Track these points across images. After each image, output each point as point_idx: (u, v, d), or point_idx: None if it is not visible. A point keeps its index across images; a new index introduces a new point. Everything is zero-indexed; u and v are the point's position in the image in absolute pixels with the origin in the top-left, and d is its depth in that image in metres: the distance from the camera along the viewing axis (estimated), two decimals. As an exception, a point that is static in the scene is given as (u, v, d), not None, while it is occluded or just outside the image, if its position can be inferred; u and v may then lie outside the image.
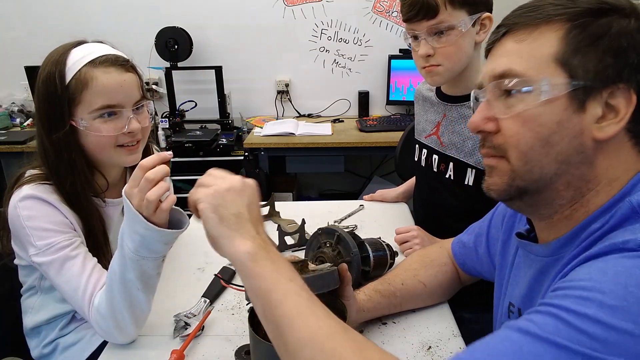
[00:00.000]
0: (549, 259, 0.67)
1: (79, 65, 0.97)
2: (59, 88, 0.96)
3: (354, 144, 2.64)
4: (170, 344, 0.95)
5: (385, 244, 1.13)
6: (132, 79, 1.02)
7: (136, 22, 2.91)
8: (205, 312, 1.02)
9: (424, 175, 1.41)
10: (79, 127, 0.99)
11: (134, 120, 1.02)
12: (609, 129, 0.58)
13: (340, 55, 3.08)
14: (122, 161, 1.06)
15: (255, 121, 3.04)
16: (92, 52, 1.00)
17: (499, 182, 0.65)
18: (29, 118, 3.01)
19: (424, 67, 1.19)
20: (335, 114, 3.15)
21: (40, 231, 0.96)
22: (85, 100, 0.97)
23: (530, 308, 0.69)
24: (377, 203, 1.64)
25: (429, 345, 0.94)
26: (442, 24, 1.12)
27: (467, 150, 1.24)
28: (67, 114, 0.97)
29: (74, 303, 0.96)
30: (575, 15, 0.59)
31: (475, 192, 1.22)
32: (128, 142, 1.04)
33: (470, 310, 1.14)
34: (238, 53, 3.03)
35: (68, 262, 0.96)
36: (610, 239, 0.55)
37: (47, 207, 0.98)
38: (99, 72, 0.98)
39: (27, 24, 2.98)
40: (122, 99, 1.00)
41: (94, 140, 1.00)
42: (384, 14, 2.98)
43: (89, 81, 0.97)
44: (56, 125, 0.98)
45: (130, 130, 1.01)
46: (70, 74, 0.97)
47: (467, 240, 1.02)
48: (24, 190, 0.98)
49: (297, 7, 2.98)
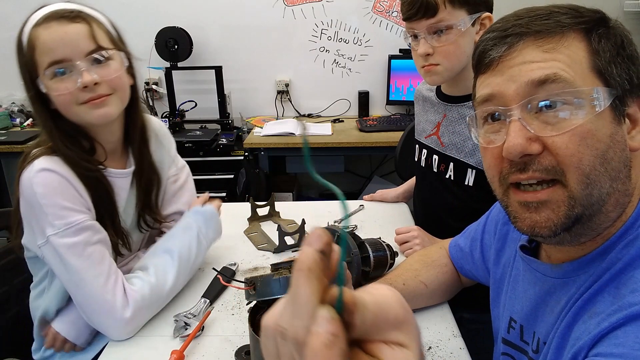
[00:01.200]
0: (558, 281, 0.64)
1: (28, 30, 0.95)
2: (19, 56, 0.97)
3: (354, 144, 2.64)
4: (171, 344, 0.95)
5: (385, 244, 1.13)
6: (77, 29, 0.94)
7: (136, 22, 2.90)
8: (205, 312, 1.02)
9: (424, 175, 1.40)
10: (42, 90, 0.95)
11: (86, 73, 0.93)
12: (639, 137, 0.57)
13: (340, 55, 3.07)
14: (89, 118, 0.96)
15: (255, 121, 3.04)
16: (41, 13, 0.96)
17: (554, 217, 0.56)
18: (29, 118, 3.01)
19: (423, 66, 1.19)
20: (335, 114, 3.14)
21: (58, 209, 0.92)
22: (37, 62, 0.94)
23: (534, 327, 0.68)
24: (377, 203, 1.64)
25: (429, 345, 0.93)
26: (441, 22, 1.12)
27: (468, 150, 1.24)
28: (29, 80, 0.96)
29: (89, 290, 0.93)
30: (592, 25, 0.57)
31: (476, 192, 1.22)
32: (89, 100, 0.95)
33: (470, 310, 1.13)
34: (238, 53, 3.03)
35: (90, 247, 0.94)
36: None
37: (61, 180, 0.94)
38: (41, 30, 0.93)
39: (27, 24, 2.98)
40: (67, 53, 0.93)
41: (56, 101, 0.96)
42: (384, 14, 2.98)
43: (34, 42, 0.93)
44: (28, 92, 0.98)
45: (84, 84, 0.93)
46: (25, 40, 0.96)
47: (463, 244, 1.02)
48: (36, 164, 0.95)
49: (297, 7, 2.98)
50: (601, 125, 0.54)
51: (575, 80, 0.54)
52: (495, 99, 0.59)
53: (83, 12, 0.97)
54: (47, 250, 0.94)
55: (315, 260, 0.28)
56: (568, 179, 0.55)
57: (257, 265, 1.24)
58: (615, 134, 0.55)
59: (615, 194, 0.56)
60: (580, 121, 0.54)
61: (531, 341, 0.70)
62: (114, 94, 0.98)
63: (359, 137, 2.71)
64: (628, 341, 0.49)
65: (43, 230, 0.93)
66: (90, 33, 0.95)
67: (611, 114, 0.55)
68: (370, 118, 3.02)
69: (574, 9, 0.58)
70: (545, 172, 0.56)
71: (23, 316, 1.24)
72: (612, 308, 0.53)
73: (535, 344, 0.68)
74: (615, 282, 0.55)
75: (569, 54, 0.55)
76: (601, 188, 0.55)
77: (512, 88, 0.57)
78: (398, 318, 0.28)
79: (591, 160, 0.54)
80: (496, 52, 0.59)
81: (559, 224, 0.56)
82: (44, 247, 0.94)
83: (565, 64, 0.55)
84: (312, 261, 0.28)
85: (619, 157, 0.55)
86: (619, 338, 0.50)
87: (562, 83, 0.54)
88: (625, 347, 0.49)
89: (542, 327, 0.67)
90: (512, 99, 0.57)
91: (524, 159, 0.57)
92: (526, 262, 0.71)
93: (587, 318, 0.56)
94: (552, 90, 0.55)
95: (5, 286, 1.23)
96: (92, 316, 0.96)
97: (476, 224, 1.00)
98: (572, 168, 0.54)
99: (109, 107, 0.97)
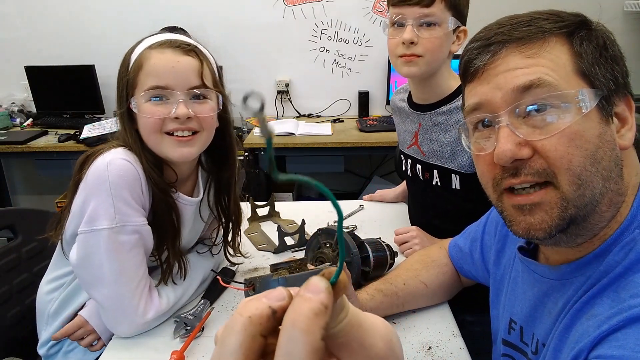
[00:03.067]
0: (556, 282, 0.64)
1: (140, 50, 0.96)
2: (123, 72, 0.97)
3: (354, 144, 2.64)
4: (171, 344, 0.95)
5: (385, 244, 1.13)
6: (189, 63, 0.95)
7: (136, 22, 2.91)
8: (205, 312, 1.02)
9: (413, 183, 1.41)
10: (132, 109, 0.95)
11: (182, 105, 0.93)
12: (628, 136, 0.57)
13: (340, 55, 3.07)
14: (171, 152, 0.96)
15: (255, 121, 3.04)
16: (159, 38, 0.97)
17: (548, 218, 0.57)
18: (29, 118, 3.01)
19: (402, 55, 1.17)
20: (335, 114, 3.14)
21: (123, 204, 0.92)
22: (140, 82, 0.94)
23: (532, 329, 0.68)
24: (376, 203, 1.64)
25: (429, 345, 0.94)
26: (433, 16, 1.12)
27: (447, 156, 1.24)
28: (125, 97, 0.96)
29: (120, 290, 0.94)
30: (574, 28, 0.58)
31: (465, 194, 1.23)
32: (176, 130, 0.95)
33: (471, 313, 1.13)
34: (238, 53, 3.03)
35: (135, 249, 0.95)
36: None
37: (136, 176, 0.94)
38: (154, 53, 0.94)
39: (27, 24, 2.98)
40: (172, 81, 0.93)
41: (143, 123, 0.96)
42: (384, 14, 2.98)
43: (143, 62, 0.94)
44: (119, 109, 0.98)
45: (177, 116, 0.93)
46: (133, 59, 0.96)
47: (463, 244, 1.02)
48: (118, 152, 0.95)
49: (297, 7, 2.97)
50: (589, 126, 0.55)
51: (560, 84, 0.55)
52: (483, 107, 0.60)
53: (197, 48, 0.99)
54: (93, 239, 0.92)
55: (262, 314, 0.27)
56: (560, 181, 0.55)
57: (257, 266, 1.24)
58: (603, 133, 0.56)
59: (608, 194, 0.57)
60: (568, 123, 0.54)
61: (530, 342, 0.70)
62: (200, 132, 0.98)
63: (359, 137, 2.71)
64: (628, 343, 0.49)
65: (96, 219, 0.92)
66: (199, 69, 0.96)
67: (598, 114, 0.56)
68: (370, 118, 3.02)
69: (555, 14, 0.59)
70: (537, 176, 0.56)
71: (24, 315, 1.25)
72: (611, 311, 0.53)
73: (535, 345, 0.68)
74: (615, 286, 0.55)
75: (552, 58, 0.56)
76: (593, 188, 0.55)
77: (498, 95, 0.58)
78: (375, 351, 0.28)
79: (581, 160, 0.55)
80: (480, 61, 0.60)
81: (553, 225, 0.56)
82: (89, 235, 0.92)
83: (548, 68, 0.56)
84: (257, 313, 0.26)
85: (609, 156, 0.56)
86: (619, 340, 0.50)
87: (547, 87, 0.55)
88: (625, 349, 0.49)
89: (540, 328, 0.67)
90: (499, 105, 0.58)
91: (515, 164, 0.57)
92: (524, 263, 0.71)
93: (585, 320, 0.56)
94: (537, 94, 0.55)
95: (6, 286, 1.24)
96: (111, 313, 0.97)
97: (476, 224, 1.00)
98: (563, 170, 0.55)
99: (193, 147, 0.98)
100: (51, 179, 3.21)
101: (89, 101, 2.96)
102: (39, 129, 2.88)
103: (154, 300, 0.99)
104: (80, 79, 2.91)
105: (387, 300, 0.97)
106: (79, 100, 2.98)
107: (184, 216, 1.06)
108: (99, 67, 2.88)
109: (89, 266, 0.94)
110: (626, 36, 2.86)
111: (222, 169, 1.10)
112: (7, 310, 1.23)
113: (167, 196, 1.00)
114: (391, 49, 1.21)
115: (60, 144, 2.63)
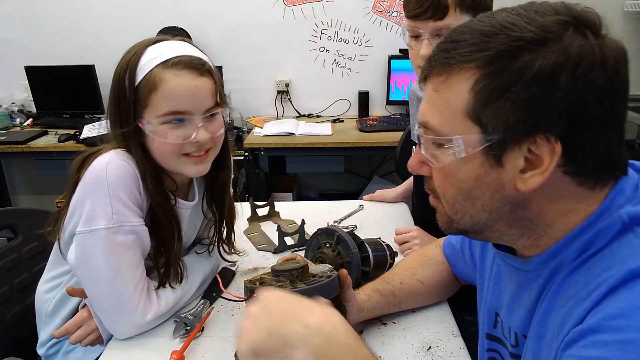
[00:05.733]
0: (530, 274, 0.64)
1: (150, 66, 0.91)
2: (128, 90, 0.92)
3: (354, 144, 2.64)
4: (170, 344, 0.95)
5: (385, 244, 1.13)
6: (205, 85, 0.94)
7: (136, 22, 2.91)
8: (205, 312, 1.02)
9: (422, 176, 1.40)
10: (145, 131, 0.94)
11: (202, 130, 0.94)
12: (533, 181, 0.54)
13: (340, 55, 3.07)
14: (187, 171, 0.99)
15: (255, 121, 3.04)
16: (166, 51, 0.93)
17: (441, 221, 0.66)
18: (29, 118, 3.01)
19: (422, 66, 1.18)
20: (335, 114, 3.14)
21: (121, 205, 0.92)
22: (153, 104, 0.92)
23: (510, 321, 0.69)
24: (376, 203, 1.64)
25: (429, 345, 0.94)
26: (448, 27, 1.08)
27: None
28: (132, 116, 0.93)
29: (118, 290, 0.93)
30: (486, 62, 0.53)
31: None
32: (194, 152, 0.96)
33: (471, 312, 1.13)
34: (238, 53, 3.03)
35: (132, 250, 0.95)
36: (618, 263, 0.52)
37: (134, 177, 0.94)
38: (170, 75, 0.91)
39: (27, 24, 2.98)
40: (191, 106, 0.93)
41: (159, 146, 0.95)
42: (384, 14, 2.98)
43: (158, 84, 0.90)
44: (122, 126, 0.95)
45: (197, 140, 0.94)
46: (140, 75, 0.92)
47: (455, 241, 1.02)
48: (117, 153, 0.94)
49: (297, 7, 2.98)
50: (465, 168, 0.58)
51: (442, 128, 0.58)
52: None
53: (208, 65, 0.97)
54: (90, 239, 0.92)
55: None
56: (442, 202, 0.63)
57: (257, 266, 1.24)
58: (484, 176, 0.57)
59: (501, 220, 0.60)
60: (444, 162, 0.59)
61: (508, 335, 0.71)
62: (213, 148, 1.00)
63: (359, 137, 2.71)
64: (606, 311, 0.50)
65: (94, 219, 0.92)
66: (214, 90, 0.96)
67: (481, 158, 0.56)
68: (370, 118, 3.02)
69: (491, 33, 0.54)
70: (431, 192, 0.65)
71: (24, 315, 1.25)
72: (588, 288, 0.53)
73: (514, 338, 0.69)
74: (587, 265, 0.56)
75: (449, 97, 0.57)
76: (473, 217, 0.60)
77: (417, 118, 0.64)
78: None
79: (453, 195, 0.60)
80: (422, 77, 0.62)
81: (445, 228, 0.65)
82: (87, 235, 0.92)
83: (439, 110, 0.58)
84: None
85: (489, 196, 0.58)
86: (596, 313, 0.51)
87: (431, 130, 0.60)
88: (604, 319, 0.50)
89: (515, 320, 0.68)
90: None
91: None
92: (501, 257, 0.72)
93: (565, 302, 0.57)
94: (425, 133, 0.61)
95: (6, 285, 1.24)
96: (109, 313, 0.96)
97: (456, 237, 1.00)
98: (441, 197, 0.63)
99: (207, 163, 1.00)
100: (51, 179, 3.21)
101: (89, 101, 2.97)
102: (39, 129, 2.89)
103: (153, 301, 0.99)
104: (80, 79, 2.92)
105: (384, 300, 0.97)
106: (79, 100, 2.99)
107: (180, 219, 1.06)
108: (99, 67, 2.88)
109: (86, 267, 0.94)
110: (626, 36, 2.86)
111: (219, 171, 1.10)
112: (8, 309, 1.24)
113: (167, 209, 1.00)
114: (412, 59, 1.19)
115: (60, 144, 2.63)
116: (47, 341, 1.10)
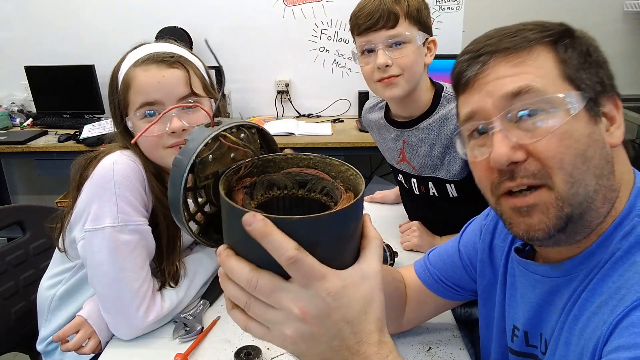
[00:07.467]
0: (561, 279, 0.64)
1: (125, 68, 0.98)
2: (113, 92, 1.00)
3: (354, 144, 2.64)
4: (170, 345, 0.95)
5: (385, 245, 1.13)
6: (174, 75, 0.97)
7: (136, 22, 2.91)
8: (204, 312, 1.03)
9: (410, 196, 1.40)
10: (129, 128, 0.99)
11: (176, 119, 0.96)
12: (617, 133, 0.60)
13: (340, 55, 3.07)
14: None
15: (255, 121, 3.03)
16: (143, 52, 0.99)
17: (546, 219, 0.58)
18: (29, 118, 3.01)
19: (381, 79, 1.15)
20: (335, 114, 3.14)
21: (126, 204, 0.94)
22: (131, 101, 0.98)
23: (539, 329, 0.68)
24: (376, 203, 1.64)
25: (429, 346, 0.94)
26: (400, 35, 1.12)
27: (439, 168, 1.24)
28: (119, 116, 1.00)
29: (123, 290, 0.94)
30: (558, 37, 0.61)
31: (464, 199, 1.23)
32: (176, 144, 0.97)
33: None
34: (238, 53, 3.03)
35: (137, 250, 0.96)
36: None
37: (140, 177, 0.97)
38: (139, 71, 0.97)
39: (27, 24, 2.98)
40: (161, 96, 0.96)
41: (141, 140, 0.98)
42: (384, 14, 2.98)
43: (131, 82, 0.97)
44: (117, 128, 1.02)
45: (172, 130, 0.95)
46: (120, 78, 0.99)
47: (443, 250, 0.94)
48: (124, 153, 0.97)
49: (297, 7, 2.97)
50: (578, 126, 0.58)
51: (547, 89, 0.58)
52: (476, 115, 0.63)
53: (182, 57, 1.00)
54: (96, 237, 0.93)
55: None
56: (554, 181, 0.57)
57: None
58: (592, 133, 0.58)
59: (602, 190, 0.59)
60: (557, 125, 0.57)
61: (539, 344, 0.70)
62: None
63: (359, 137, 2.71)
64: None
65: (100, 217, 0.93)
66: (187, 79, 0.98)
67: (586, 115, 0.58)
68: (370, 118, 3.01)
69: (540, 24, 0.62)
70: (532, 178, 0.58)
71: (28, 311, 1.25)
72: (621, 293, 0.55)
73: (544, 345, 0.68)
74: (619, 270, 0.57)
75: (538, 65, 0.59)
76: (586, 186, 0.58)
77: (489, 102, 0.60)
78: None
79: (572, 159, 0.57)
80: (471, 72, 0.62)
81: (552, 225, 0.58)
82: (93, 233, 0.93)
83: (535, 75, 0.59)
84: None
85: (599, 154, 0.58)
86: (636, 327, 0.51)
87: (535, 92, 0.58)
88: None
89: (548, 326, 0.67)
90: (491, 112, 0.60)
91: (511, 167, 0.59)
92: (522, 265, 0.71)
93: (596, 309, 0.57)
94: (526, 100, 0.58)
95: (12, 281, 1.25)
96: (112, 314, 0.97)
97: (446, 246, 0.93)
98: (556, 169, 0.57)
99: None
100: (51, 179, 3.21)
101: (89, 101, 2.96)
102: (39, 129, 2.88)
103: (157, 304, 0.99)
104: (80, 79, 2.92)
105: None
106: (79, 100, 2.99)
107: None
108: (99, 67, 2.88)
109: (92, 265, 0.96)
110: (626, 36, 2.85)
111: None
112: (13, 305, 1.25)
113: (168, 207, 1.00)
114: (367, 76, 1.20)
115: (60, 144, 2.63)
116: (47, 337, 1.10)
